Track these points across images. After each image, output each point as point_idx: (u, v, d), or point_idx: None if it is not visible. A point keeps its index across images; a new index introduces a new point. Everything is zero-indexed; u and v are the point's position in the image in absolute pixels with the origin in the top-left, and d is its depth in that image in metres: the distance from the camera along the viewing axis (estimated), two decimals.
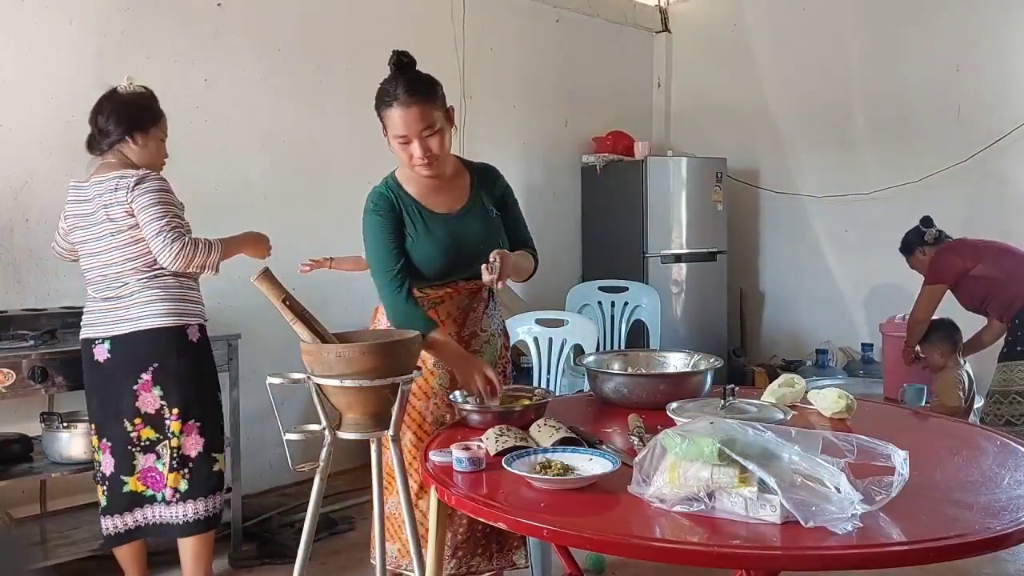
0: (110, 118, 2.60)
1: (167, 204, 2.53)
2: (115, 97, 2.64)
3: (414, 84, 2.12)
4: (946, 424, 2.33)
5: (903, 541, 1.35)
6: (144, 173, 2.55)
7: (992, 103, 4.69)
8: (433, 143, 2.14)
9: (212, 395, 2.70)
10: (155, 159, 2.67)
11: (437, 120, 2.14)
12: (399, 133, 2.13)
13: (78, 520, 3.14)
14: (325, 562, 3.22)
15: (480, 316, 2.34)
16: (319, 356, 1.85)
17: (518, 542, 2.35)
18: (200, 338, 2.66)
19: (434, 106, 2.13)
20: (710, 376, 2.30)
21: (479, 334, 2.33)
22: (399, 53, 2.15)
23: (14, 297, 3.24)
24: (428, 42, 4.63)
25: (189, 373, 2.61)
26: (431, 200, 2.27)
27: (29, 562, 2.54)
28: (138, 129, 2.61)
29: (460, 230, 2.25)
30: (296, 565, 1.98)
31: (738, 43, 5.80)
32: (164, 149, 2.71)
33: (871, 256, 5.27)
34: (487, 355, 2.34)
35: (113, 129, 2.60)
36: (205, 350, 2.68)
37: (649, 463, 1.50)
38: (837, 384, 2.98)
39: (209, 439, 2.65)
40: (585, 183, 5.58)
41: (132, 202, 2.51)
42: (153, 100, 2.70)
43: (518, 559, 2.35)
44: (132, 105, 2.64)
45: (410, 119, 2.10)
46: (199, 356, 2.65)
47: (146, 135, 2.63)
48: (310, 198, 4.14)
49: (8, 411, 3.08)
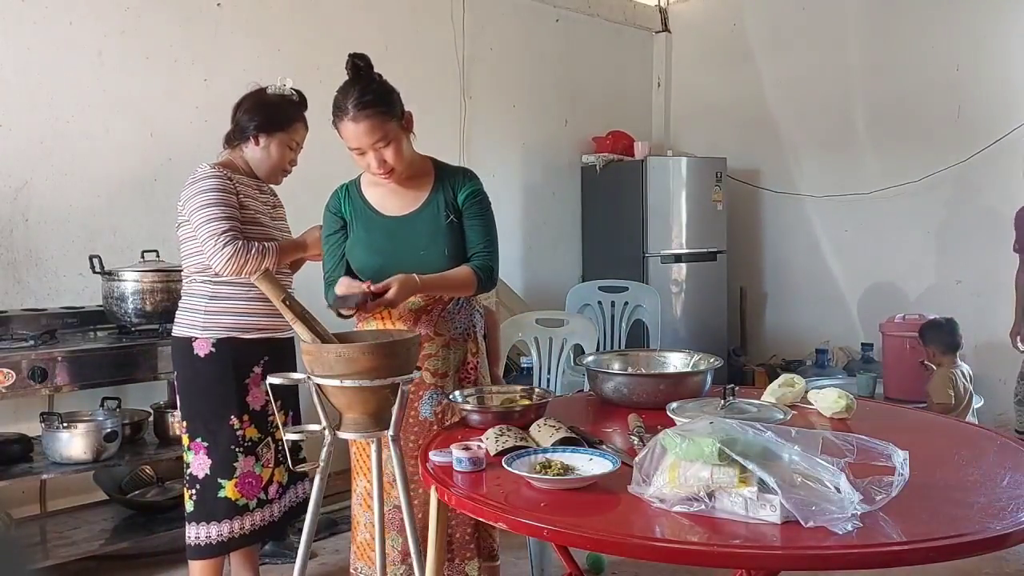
0: (244, 114, 2.48)
1: (219, 205, 2.32)
2: (257, 94, 2.51)
3: (364, 96, 2.10)
4: (946, 424, 2.33)
5: (903, 541, 1.35)
6: (206, 171, 2.39)
7: (992, 103, 4.69)
8: (387, 154, 2.15)
9: (220, 416, 2.41)
10: (273, 165, 2.51)
11: (390, 132, 2.13)
12: (352, 146, 2.16)
13: (78, 520, 3.14)
14: (325, 562, 3.22)
15: (435, 319, 2.26)
16: (319, 356, 1.85)
17: (471, 553, 2.28)
18: (211, 354, 2.39)
19: (386, 118, 2.12)
20: (710, 376, 2.30)
21: (433, 337, 2.26)
22: (354, 56, 2.14)
23: (14, 297, 3.24)
24: (428, 42, 4.64)
25: (193, 389, 2.43)
26: (386, 202, 2.28)
27: (29, 562, 2.55)
28: (262, 130, 2.46)
29: (401, 233, 2.24)
30: (296, 565, 1.98)
31: (738, 43, 5.80)
32: (288, 157, 2.53)
33: (871, 256, 5.28)
34: (447, 360, 2.27)
35: (243, 126, 2.48)
36: (216, 367, 2.40)
37: (649, 463, 1.50)
38: (838, 384, 2.98)
39: (217, 463, 2.41)
40: (585, 183, 5.58)
41: (184, 200, 2.37)
42: (294, 106, 2.54)
43: (471, 570, 2.28)
44: (267, 105, 2.50)
45: (360, 132, 2.11)
46: (206, 373, 2.40)
47: (269, 137, 2.47)
48: (310, 198, 4.13)
49: (8, 411, 3.08)
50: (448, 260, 2.23)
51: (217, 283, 2.39)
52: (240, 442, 2.42)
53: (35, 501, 3.20)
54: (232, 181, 2.39)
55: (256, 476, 2.46)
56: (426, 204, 2.26)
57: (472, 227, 2.28)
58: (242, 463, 2.42)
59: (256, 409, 2.45)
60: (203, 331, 2.39)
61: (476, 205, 2.28)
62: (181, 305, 2.46)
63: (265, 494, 2.48)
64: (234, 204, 2.36)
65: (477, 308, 2.39)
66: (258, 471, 2.47)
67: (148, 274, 3.00)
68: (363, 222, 2.27)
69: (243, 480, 2.43)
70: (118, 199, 3.47)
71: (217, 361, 2.39)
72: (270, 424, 2.48)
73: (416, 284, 2.12)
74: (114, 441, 2.90)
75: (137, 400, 3.26)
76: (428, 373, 2.25)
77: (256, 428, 2.45)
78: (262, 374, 2.42)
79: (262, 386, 2.43)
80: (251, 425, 2.44)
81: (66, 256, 3.35)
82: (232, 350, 2.40)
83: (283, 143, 2.49)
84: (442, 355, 2.27)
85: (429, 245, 2.22)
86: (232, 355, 2.40)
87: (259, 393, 2.45)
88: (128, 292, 2.99)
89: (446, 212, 2.25)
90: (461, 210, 2.27)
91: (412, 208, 2.27)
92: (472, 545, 2.28)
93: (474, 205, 2.28)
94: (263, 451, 2.47)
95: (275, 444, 2.49)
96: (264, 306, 2.38)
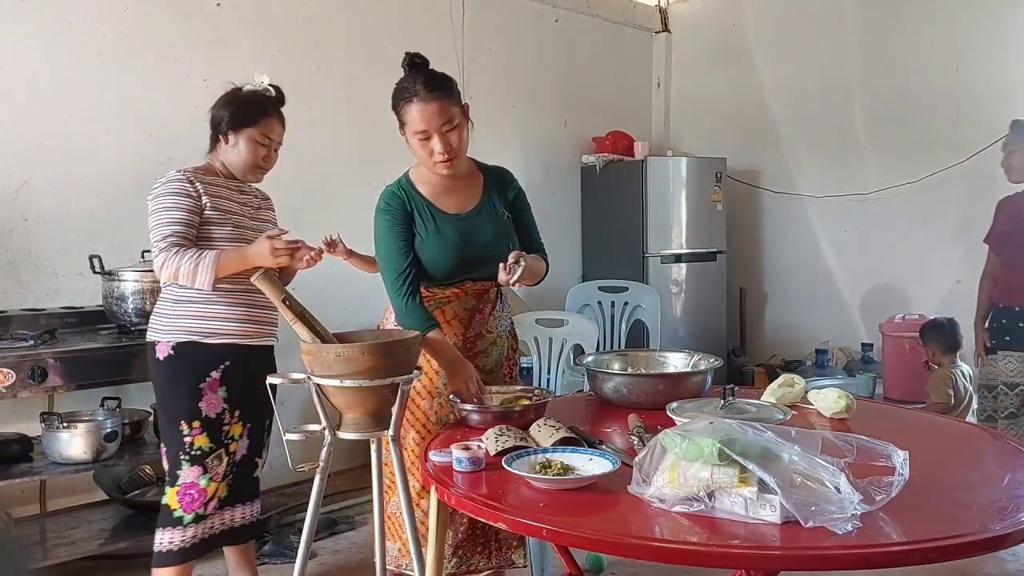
0: (214, 114, 2.41)
1: (166, 211, 2.27)
2: (230, 93, 2.44)
3: (432, 80, 2.16)
4: (946, 424, 2.33)
5: (903, 541, 1.35)
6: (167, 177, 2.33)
7: (992, 103, 4.69)
8: (453, 138, 2.17)
9: (172, 421, 2.34)
10: (245, 162, 2.41)
11: (455, 115, 2.17)
12: (419, 128, 2.14)
13: (78, 520, 3.13)
14: (325, 562, 3.22)
15: (486, 317, 2.34)
16: (319, 356, 1.85)
17: (517, 541, 2.35)
18: (169, 357, 2.32)
19: (452, 101, 2.17)
20: (710, 376, 2.30)
21: (485, 335, 2.33)
22: (412, 55, 2.19)
23: (14, 297, 3.24)
24: (428, 42, 4.61)
25: (156, 392, 2.41)
26: (443, 200, 2.28)
27: (29, 562, 2.55)
28: (231, 127, 2.38)
29: (470, 231, 2.26)
30: (296, 565, 1.98)
31: (738, 43, 5.80)
32: (261, 153, 2.42)
33: (871, 256, 5.27)
34: (493, 356, 2.35)
35: (213, 125, 2.41)
36: (172, 371, 2.33)
37: (649, 463, 1.50)
38: (838, 384, 2.98)
39: (168, 470, 2.37)
40: (585, 183, 5.58)
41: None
42: (267, 101, 2.44)
43: (517, 558, 2.35)
44: (235, 102, 2.41)
45: (430, 114, 2.13)
46: (163, 376, 2.35)
47: (237, 134, 2.38)
48: (310, 198, 4.14)
49: (8, 411, 3.08)
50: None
51: (183, 287, 2.30)
52: (187, 450, 2.32)
53: (35, 501, 3.20)
54: (195, 185, 2.32)
55: (199, 489, 2.34)
56: (484, 202, 2.32)
57: (526, 222, 2.40)
58: (186, 472, 2.33)
59: (210, 416, 2.34)
60: (164, 334, 2.34)
61: (524, 201, 2.42)
62: (156, 309, 2.41)
63: (204, 509, 2.37)
64: (186, 209, 2.28)
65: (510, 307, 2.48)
66: (203, 484, 2.34)
67: (148, 274, 2.99)
68: (431, 220, 2.25)
69: (183, 490, 2.33)
70: (118, 199, 3.47)
71: (174, 364, 2.33)
72: (224, 435, 2.37)
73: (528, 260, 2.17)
74: (114, 441, 2.90)
75: (137, 400, 3.26)
76: (479, 370, 2.25)
77: (208, 437, 2.33)
78: (220, 380, 2.34)
79: (219, 392, 2.34)
80: (202, 433, 2.33)
81: (66, 256, 3.35)
82: (191, 354, 2.32)
83: (251, 138, 2.39)
84: (490, 352, 2.34)
85: (495, 241, 2.26)
86: (190, 359, 2.32)
87: (215, 400, 2.34)
88: (128, 292, 2.99)
89: (503, 210, 2.33)
90: (513, 207, 2.37)
91: (471, 206, 2.30)
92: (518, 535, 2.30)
93: (523, 201, 2.42)
94: (213, 463, 2.35)
95: (228, 457, 2.38)
96: (229, 311, 2.34)
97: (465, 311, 2.30)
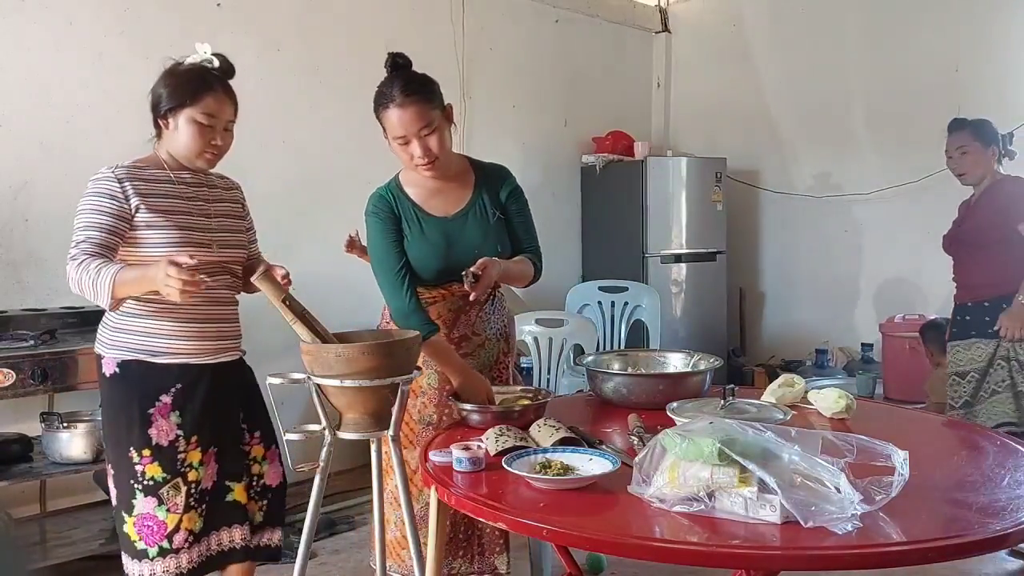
0: (152, 95, 2.09)
1: (83, 214, 2.01)
2: (168, 70, 2.10)
3: (409, 84, 2.13)
4: (946, 424, 2.33)
5: (903, 541, 1.35)
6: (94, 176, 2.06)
7: (992, 103, 4.68)
8: (431, 142, 2.15)
9: (120, 445, 2.05)
10: (188, 146, 2.08)
11: (434, 119, 2.14)
12: (397, 134, 2.14)
13: (78, 520, 3.13)
14: (325, 562, 3.22)
15: (472, 320, 2.31)
16: (319, 356, 1.85)
17: (500, 547, 2.31)
18: (115, 375, 2.05)
19: (431, 105, 2.14)
20: (710, 376, 2.30)
21: (471, 337, 2.30)
22: (394, 55, 2.18)
23: (14, 297, 3.24)
24: (428, 42, 4.64)
25: (103, 410, 2.13)
26: (431, 202, 2.27)
27: (29, 562, 2.54)
28: (169, 109, 2.05)
29: (455, 233, 2.25)
30: (296, 565, 1.98)
31: (738, 43, 5.80)
32: (208, 136, 2.08)
33: (871, 256, 5.28)
34: (481, 359, 2.31)
35: (152, 110, 2.09)
36: (119, 391, 2.06)
37: (649, 463, 1.50)
38: (838, 384, 2.99)
39: (119, 495, 2.07)
40: (585, 183, 5.58)
41: None
42: (207, 74, 2.08)
43: (500, 564, 2.31)
44: (173, 77, 2.07)
45: (407, 119, 2.12)
46: (110, 395, 2.08)
47: (176, 115, 2.05)
48: (310, 198, 4.14)
49: (8, 411, 3.08)
50: (501, 256, 2.26)
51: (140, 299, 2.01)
52: (139, 479, 2.04)
53: (35, 501, 3.20)
54: (124, 185, 2.02)
55: (158, 521, 2.04)
56: (472, 203, 2.29)
57: (519, 223, 2.35)
58: (141, 502, 2.04)
59: (161, 444, 2.04)
60: (109, 349, 2.07)
61: (519, 201, 2.36)
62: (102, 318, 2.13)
63: (169, 543, 2.05)
64: (108, 213, 1.98)
65: (507, 309, 2.43)
66: (160, 515, 2.04)
67: None
68: (416, 223, 2.25)
69: (140, 521, 2.05)
70: None
71: (120, 384, 2.06)
72: (180, 464, 2.06)
73: (500, 266, 2.17)
74: None
75: None
76: None
77: (160, 466, 2.04)
78: (171, 404, 2.05)
79: (171, 418, 2.05)
80: (153, 462, 2.03)
81: (66, 256, 3.33)
82: (138, 374, 2.05)
83: (192, 120, 2.04)
84: (478, 355, 2.30)
85: (482, 243, 2.25)
86: (137, 380, 2.05)
87: (166, 426, 2.05)
88: None
89: (492, 210, 2.30)
90: (505, 207, 2.33)
91: (459, 207, 2.28)
92: (502, 540, 2.30)
93: (517, 201, 2.35)
94: (169, 493, 2.04)
95: (187, 486, 2.07)
96: (178, 328, 2.06)
97: (450, 312, 2.28)
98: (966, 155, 3.32)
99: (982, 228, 3.32)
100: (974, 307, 3.35)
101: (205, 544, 2.13)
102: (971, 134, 3.32)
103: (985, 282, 3.30)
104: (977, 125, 3.34)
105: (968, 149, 3.31)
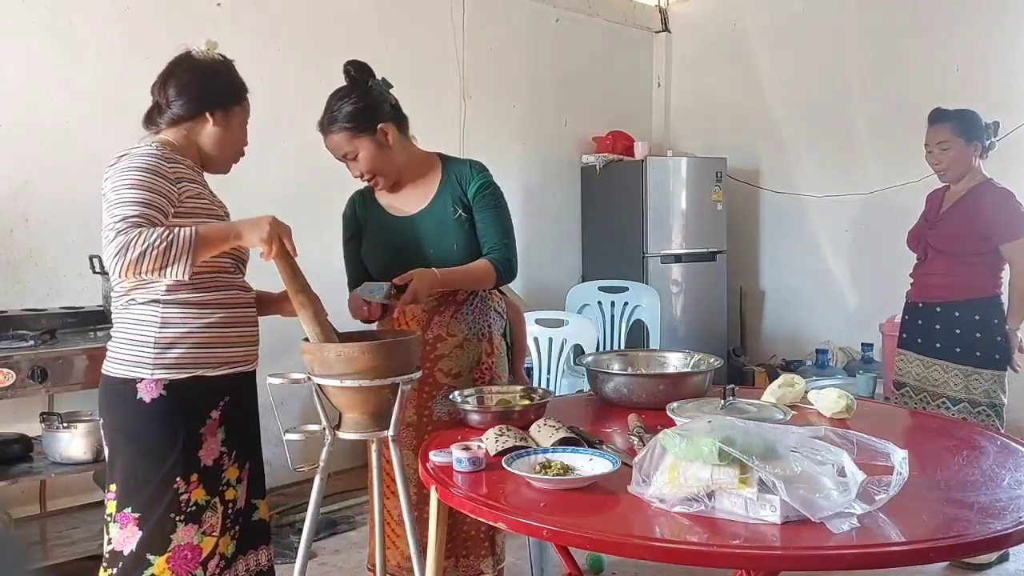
0: (185, 89, 1.93)
1: (134, 188, 1.74)
2: (191, 62, 1.96)
3: (334, 115, 2.20)
4: (946, 424, 2.33)
5: (903, 541, 1.35)
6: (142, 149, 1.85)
7: (992, 103, 4.68)
8: (361, 165, 2.22)
9: (163, 480, 1.83)
10: (236, 149, 2.04)
11: (359, 147, 2.20)
12: (333, 156, 2.26)
13: (77, 520, 3.14)
14: (325, 562, 3.21)
15: (447, 320, 2.26)
16: (319, 356, 1.85)
17: (486, 551, 2.29)
18: (158, 400, 1.81)
19: (352, 134, 2.19)
20: (710, 376, 2.30)
21: (446, 338, 2.26)
22: (347, 64, 2.23)
23: (14, 297, 3.24)
24: (428, 42, 4.64)
25: (130, 446, 1.86)
26: (398, 201, 2.30)
27: (29, 562, 2.55)
28: (219, 106, 1.95)
29: (409, 232, 2.25)
30: (296, 565, 1.98)
31: (738, 43, 5.80)
32: (246, 138, 2.05)
33: (871, 256, 5.27)
34: (458, 361, 2.27)
35: (186, 101, 1.93)
36: (163, 418, 1.82)
37: (649, 463, 1.50)
38: (838, 384, 2.98)
39: (148, 536, 1.84)
40: (585, 183, 5.58)
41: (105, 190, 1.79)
42: (237, 74, 2.03)
43: (486, 567, 2.29)
44: (213, 75, 1.97)
45: (332, 146, 2.24)
46: (150, 425, 1.83)
47: (228, 114, 1.97)
48: (310, 198, 4.14)
49: (8, 411, 3.08)
50: (459, 256, 2.22)
51: (167, 303, 1.82)
52: (182, 508, 1.85)
53: (35, 501, 3.20)
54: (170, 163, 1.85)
55: (194, 548, 1.87)
56: (433, 201, 2.27)
57: (484, 220, 2.25)
58: (180, 533, 1.85)
59: (208, 465, 1.89)
60: (153, 370, 1.81)
61: (487, 198, 2.25)
62: (116, 335, 1.88)
63: (203, 570, 1.88)
64: (163, 193, 1.78)
65: (495, 308, 2.36)
66: (197, 541, 1.87)
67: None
68: (374, 224, 2.29)
69: (177, 554, 1.85)
70: None
71: (166, 409, 1.82)
72: (221, 482, 1.91)
73: (436, 276, 2.13)
74: None
75: None
76: (441, 373, 2.25)
77: (204, 489, 1.88)
78: (219, 420, 1.90)
79: (218, 434, 1.90)
80: (199, 486, 1.87)
81: (66, 256, 3.35)
82: (188, 393, 1.84)
83: (243, 119, 2.03)
84: (455, 356, 2.27)
85: (437, 242, 2.23)
86: (186, 400, 1.84)
87: (215, 444, 1.90)
88: None
89: (454, 207, 2.24)
90: (471, 204, 2.25)
91: (421, 206, 2.28)
92: (487, 543, 2.29)
93: (484, 198, 2.25)
94: (208, 516, 1.89)
95: (223, 507, 1.92)
96: (232, 333, 1.90)
97: (423, 312, 2.25)
98: (947, 151, 3.14)
99: (957, 238, 3.16)
100: (924, 308, 3.27)
101: (233, 571, 1.97)
102: (952, 129, 3.13)
103: (941, 284, 3.20)
104: (959, 118, 3.15)
105: (949, 145, 3.13)
